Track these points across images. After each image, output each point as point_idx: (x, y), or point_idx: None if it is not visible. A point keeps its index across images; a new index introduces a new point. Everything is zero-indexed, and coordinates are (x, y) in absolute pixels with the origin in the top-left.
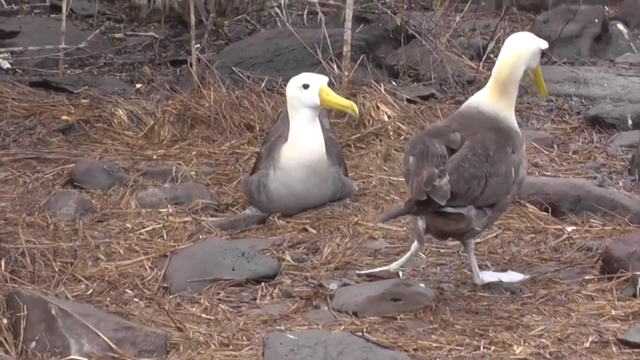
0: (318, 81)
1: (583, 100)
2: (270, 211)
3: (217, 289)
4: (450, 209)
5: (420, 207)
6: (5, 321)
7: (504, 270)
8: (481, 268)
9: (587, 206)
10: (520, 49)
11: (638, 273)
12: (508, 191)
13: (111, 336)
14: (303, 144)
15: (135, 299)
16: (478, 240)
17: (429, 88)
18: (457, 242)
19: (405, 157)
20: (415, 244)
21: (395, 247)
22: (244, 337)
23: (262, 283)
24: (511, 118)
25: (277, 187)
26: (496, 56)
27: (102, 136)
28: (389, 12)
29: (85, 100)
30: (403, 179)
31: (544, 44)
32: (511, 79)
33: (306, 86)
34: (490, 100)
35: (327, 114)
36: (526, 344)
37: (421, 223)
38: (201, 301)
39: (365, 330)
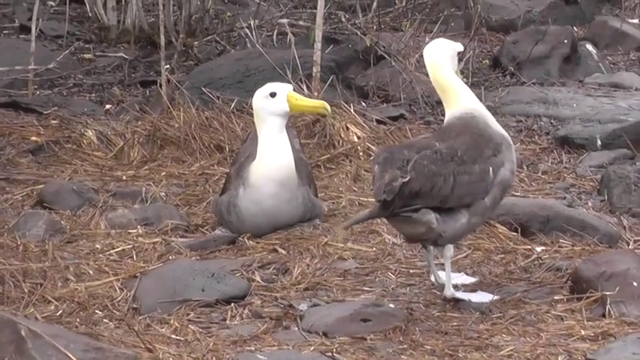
0: (284, 88)
1: (552, 121)
2: (240, 232)
3: (187, 310)
4: (407, 214)
5: (381, 210)
6: None
7: (474, 290)
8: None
9: (556, 226)
10: (443, 54)
11: (607, 293)
12: (487, 191)
13: (80, 357)
14: (272, 158)
15: (104, 320)
16: None
17: (399, 109)
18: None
19: (372, 167)
20: (424, 252)
21: (364, 267)
22: (214, 358)
23: (232, 304)
24: (484, 112)
25: (247, 206)
26: (465, 77)
27: (71, 156)
28: (358, 33)
29: (55, 121)
30: (373, 200)
31: (460, 47)
32: (451, 81)
33: (273, 95)
34: (457, 106)
35: (297, 134)
36: None
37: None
38: (171, 321)
39: (335, 350)
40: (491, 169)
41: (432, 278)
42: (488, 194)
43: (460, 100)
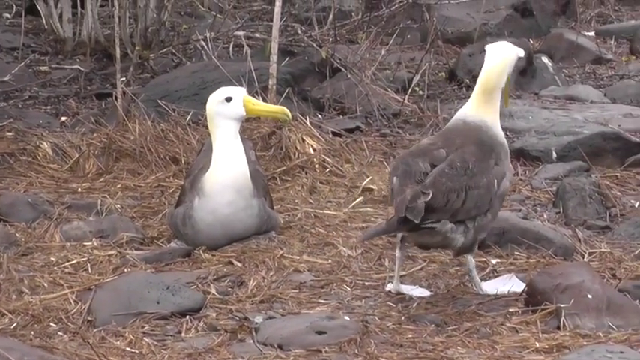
0: (239, 92)
1: (508, 133)
2: (195, 244)
3: (142, 323)
4: (426, 224)
5: (400, 225)
6: None
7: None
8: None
9: (511, 239)
10: (505, 57)
11: (561, 305)
12: (491, 204)
13: None
14: (227, 165)
15: (59, 333)
16: (403, 272)
17: (355, 121)
18: (382, 274)
19: (389, 178)
20: (398, 254)
21: (320, 279)
22: None
23: (187, 317)
24: (497, 127)
25: (203, 216)
26: (421, 89)
27: (27, 169)
28: (314, 45)
29: (10, 133)
30: (329, 212)
31: (522, 52)
32: (497, 87)
33: (228, 99)
34: (477, 110)
35: (253, 146)
36: None
37: (399, 234)
38: (126, 334)
39: None
40: (495, 181)
41: (388, 287)
42: (492, 207)
43: (485, 111)
